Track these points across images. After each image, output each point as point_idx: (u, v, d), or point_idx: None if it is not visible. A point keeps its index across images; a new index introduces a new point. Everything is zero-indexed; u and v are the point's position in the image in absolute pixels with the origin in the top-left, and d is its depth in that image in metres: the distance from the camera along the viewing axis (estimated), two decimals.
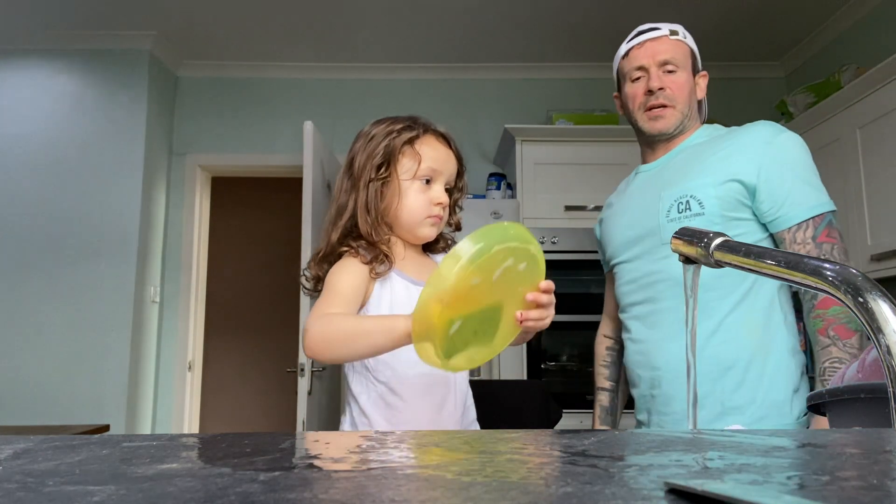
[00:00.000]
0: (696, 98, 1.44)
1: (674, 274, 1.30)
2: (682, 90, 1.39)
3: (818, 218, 1.29)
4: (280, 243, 5.33)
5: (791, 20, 3.41)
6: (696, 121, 1.43)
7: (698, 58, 1.45)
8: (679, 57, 1.40)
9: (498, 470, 0.35)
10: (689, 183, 1.31)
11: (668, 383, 1.30)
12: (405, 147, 1.10)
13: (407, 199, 1.10)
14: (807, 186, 1.30)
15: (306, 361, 2.69)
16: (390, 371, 1.08)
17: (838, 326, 1.20)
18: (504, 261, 0.85)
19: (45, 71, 3.52)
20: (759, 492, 0.28)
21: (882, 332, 0.49)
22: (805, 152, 1.33)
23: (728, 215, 1.28)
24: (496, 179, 3.49)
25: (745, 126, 1.36)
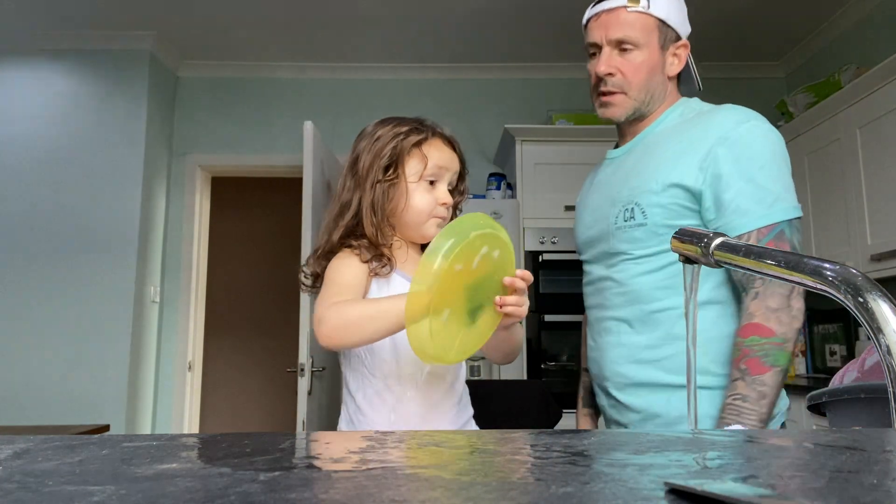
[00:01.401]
0: (667, 75, 1.25)
1: (623, 283, 1.21)
2: (636, 73, 1.22)
3: (764, 229, 1.11)
4: (280, 243, 5.33)
5: (791, 20, 3.41)
6: (662, 101, 1.26)
7: (673, 26, 1.24)
8: (637, 33, 1.21)
9: (498, 470, 0.35)
10: (637, 184, 1.20)
11: (618, 392, 1.22)
12: (413, 149, 1.11)
13: (413, 200, 1.10)
14: (758, 191, 1.12)
15: (306, 361, 2.69)
16: (387, 368, 1.09)
17: (752, 360, 1.06)
18: (480, 248, 0.89)
19: (45, 71, 3.52)
20: (759, 492, 0.28)
21: (882, 332, 0.49)
22: (767, 147, 1.16)
23: (671, 224, 1.15)
24: (496, 179, 3.49)
25: (712, 111, 1.22)
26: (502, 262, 0.94)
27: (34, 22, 3.39)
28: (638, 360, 1.18)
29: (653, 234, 1.18)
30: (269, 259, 5.39)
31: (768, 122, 1.21)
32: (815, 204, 3.12)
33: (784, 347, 1.06)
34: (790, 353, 1.07)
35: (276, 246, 5.37)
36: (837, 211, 2.94)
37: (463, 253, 0.86)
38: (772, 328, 1.06)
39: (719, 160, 1.13)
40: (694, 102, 1.28)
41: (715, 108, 1.22)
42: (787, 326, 1.06)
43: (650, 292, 1.18)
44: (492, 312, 0.95)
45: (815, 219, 3.12)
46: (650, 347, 1.17)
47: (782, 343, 1.06)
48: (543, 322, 3.16)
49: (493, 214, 3.18)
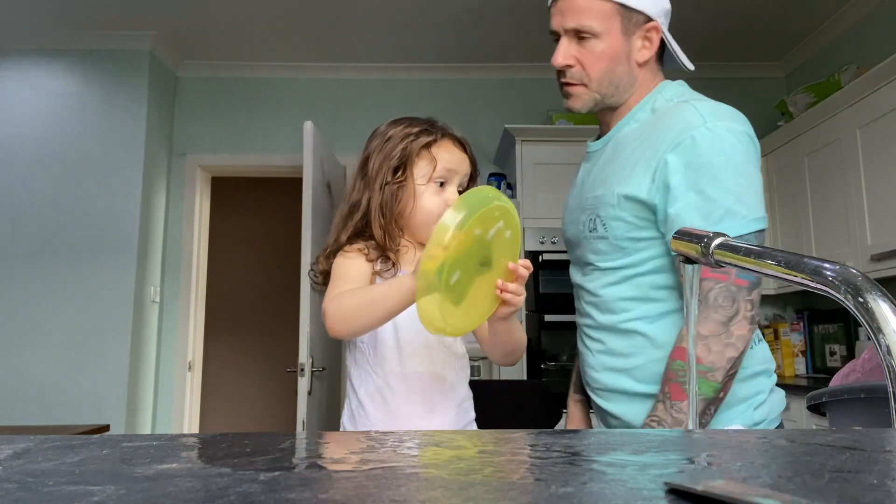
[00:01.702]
0: (635, 62, 1.15)
1: (593, 292, 1.18)
2: (596, 64, 1.13)
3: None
4: (280, 243, 5.33)
5: (791, 20, 3.41)
6: (632, 90, 1.17)
7: (638, 9, 1.12)
8: (594, 21, 1.11)
9: (498, 470, 0.35)
10: (600, 194, 1.15)
11: (597, 398, 1.19)
12: (422, 151, 1.11)
13: (422, 201, 1.10)
14: (706, 204, 1.02)
15: (306, 361, 2.69)
16: (388, 365, 1.10)
17: (674, 385, 1.01)
18: (498, 220, 0.89)
19: (45, 71, 3.52)
20: (759, 492, 0.28)
21: (882, 332, 0.49)
22: (722, 153, 1.04)
23: (634, 237, 1.10)
24: (496, 179, 3.49)
25: (672, 110, 1.12)
26: (511, 245, 0.94)
27: (34, 22, 3.39)
28: (612, 367, 1.15)
29: (615, 248, 1.13)
30: (269, 259, 5.39)
31: (735, 119, 1.09)
32: (815, 204, 3.12)
33: (709, 377, 0.99)
34: (718, 382, 0.99)
35: (276, 246, 5.37)
36: (837, 211, 2.94)
37: (483, 218, 0.86)
38: (700, 356, 1.00)
39: (669, 169, 1.05)
40: (671, 90, 1.18)
41: (676, 107, 1.12)
42: (716, 355, 0.99)
43: (618, 303, 1.14)
44: (493, 293, 0.95)
45: (815, 219, 3.12)
46: (622, 356, 1.14)
47: (707, 372, 0.99)
48: (543, 322, 3.16)
49: None
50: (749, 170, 1.05)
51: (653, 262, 1.11)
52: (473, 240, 0.86)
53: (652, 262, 1.11)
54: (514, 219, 0.92)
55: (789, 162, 3.32)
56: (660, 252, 1.10)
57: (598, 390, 1.19)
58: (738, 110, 1.12)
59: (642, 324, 1.12)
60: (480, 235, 0.87)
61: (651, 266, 1.11)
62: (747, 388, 1.08)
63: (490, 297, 0.95)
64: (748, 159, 1.05)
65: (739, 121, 1.08)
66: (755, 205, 1.03)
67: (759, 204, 1.04)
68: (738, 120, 1.08)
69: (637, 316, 1.12)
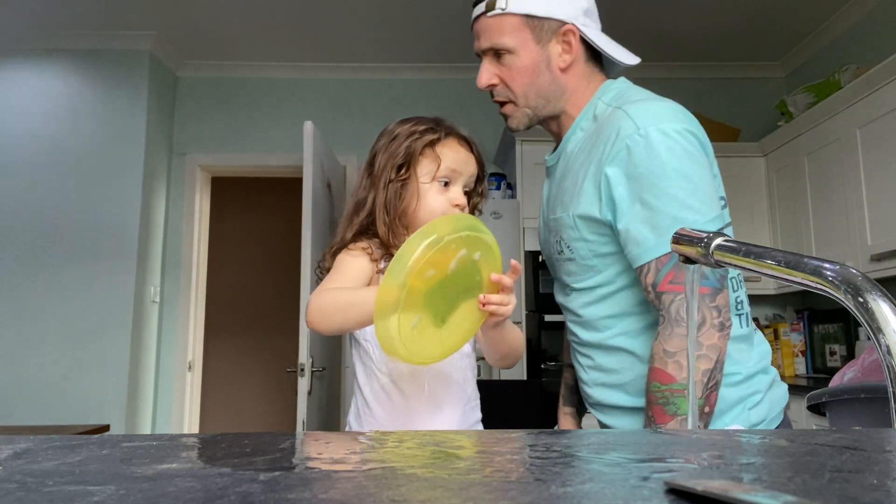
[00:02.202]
0: (558, 69, 1.12)
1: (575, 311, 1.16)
2: (516, 80, 1.12)
3: (664, 258, 0.98)
4: (280, 243, 5.33)
5: (791, 20, 3.41)
6: (564, 98, 1.14)
7: (546, 16, 1.09)
8: (504, 38, 1.10)
9: (498, 470, 0.35)
10: (559, 216, 1.14)
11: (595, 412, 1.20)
12: (426, 149, 1.10)
13: (425, 200, 1.10)
14: (652, 215, 0.98)
15: (306, 361, 2.69)
16: (392, 364, 1.09)
17: (655, 407, 0.97)
18: (458, 251, 0.86)
19: (45, 71, 3.52)
20: (760, 492, 0.28)
21: (882, 332, 0.49)
22: (659, 158, 0.98)
23: (598, 253, 1.08)
24: (496, 179, 3.49)
25: (608, 118, 1.08)
26: (485, 263, 0.91)
27: (34, 22, 3.39)
28: (603, 383, 1.14)
29: (585, 268, 1.11)
30: (269, 259, 5.39)
31: (669, 118, 1.02)
32: (815, 204, 3.12)
33: (683, 395, 0.95)
34: (699, 398, 0.95)
35: (276, 246, 5.37)
36: (837, 211, 2.94)
37: (436, 258, 0.84)
38: (671, 374, 0.96)
39: (611, 183, 1.02)
40: (611, 92, 1.13)
41: (611, 115, 1.07)
42: (681, 372, 0.95)
43: (600, 321, 1.12)
44: (474, 312, 0.93)
45: (815, 219, 3.12)
46: (612, 372, 1.12)
47: (684, 389, 0.95)
48: (543, 322, 3.16)
49: (493, 214, 3.18)
50: (691, 170, 0.99)
51: (625, 277, 1.08)
52: (426, 281, 0.84)
53: (624, 277, 1.08)
54: (481, 240, 0.89)
55: (789, 162, 3.32)
56: (623, 268, 1.07)
57: (593, 405, 1.18)
58: (675, 105, 1.06)
59: (626, 339, 1.09)
60: (436, 274, 0.85)
61: (625, 281, 1.08)
62: (742, 391, 1.05)
63: (473, 315, 0.93)
64: (689, 159, 1.00)
65: (674, 118, 1.02)
66: (704, 206, 0.98)
67: (709, 204, 0.99)
68: (672, 118, 1.02)
69: (620, 332, 1.10)
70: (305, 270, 2.70)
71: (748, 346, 1.09)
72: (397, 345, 0.85)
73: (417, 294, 0.84)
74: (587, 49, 1.13)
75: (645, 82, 1.17)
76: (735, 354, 1.05)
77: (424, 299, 0.85)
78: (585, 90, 1.14)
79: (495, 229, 3.46)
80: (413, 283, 0.82)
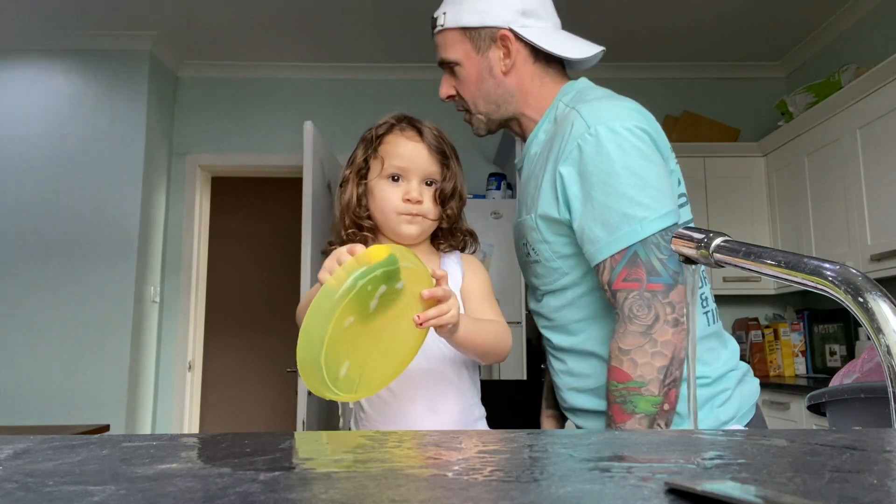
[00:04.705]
0: (501, 73, 1.14)
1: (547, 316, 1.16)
2: (466, 89, 1.17)
3: (617, 255, 0.99)
4: (280, 243, 5.33)
5: (791, 20, 3.41)
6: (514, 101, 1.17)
7: (480, 25, 1.12)
8: (449, 52, 1.15)
9: (498, 470, 0.35)
10: (523, 220, 1.16)
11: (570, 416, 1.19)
12: (377, 146, 1.12)
13: (377, 199, 1.11)
14: (603, 212, 1.00)
15: None
16: None
17: (614, 406, 0.97)
18: (375, 291, 0.82)
19: (45, 71, 3.52)
20: (759, 492, 0.28)
21: (882, 332, 0.49)
22: (608, 156, 1.00)
23: (561, 255, 1.09)
24: (496, 179, 3.49)
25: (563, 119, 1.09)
26: (413, 285, 0.87)
27: (34, 22, 3.39)
28: (575, 388, 1.13)
29: (550, 270, 1.11)
30: (269, 259, 5.39)
31: (619, 116, 1.03)
32: (815, 204, 3.12)
33: (644, 392, 0.95)
34: (655, 395, 0.94)
35: (276, 246, 5.37)
36: (837, 211, 2.94)
37: (352, 305, 0.79)
38: (626, 372, 0.96)
39: (565, 183, 1.03)
40: (570, 94, 1.14)
41: (566, 116, 1.09)
42: (644, 367, 0.95)
43: (572, 325, 1.12)
44: (413, 334, 0.90)
45: (815, 219, 3.12)
46: (583, 377, 1.11)
47: (640, 387, 0.95)
48: None
49: (493, 214, 3.18)
50: (641, 167, 0.99)
51: (591, 279, 1.08)
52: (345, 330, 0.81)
53: (590, 279, 1.08)
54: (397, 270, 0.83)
55: (789, 162, 3.32)
56: (589, 268, 1.07)
57: (567, 409, 1.18)
58: (629, 103, 1.07)
59: (596, 344, 1.09)
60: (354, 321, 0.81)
61: (592, 283, 1.08)
62: (710, 390, 1.05)
63: (412, 337, 0.90)
64: (639, 156, 1.00)
65: (626, 117, 1.03)
66: (655, 203, 0.98)
67: (660, 200, 0.99)
68: (624, 116, 1.03)
69: (591, 336, 1.10)
70: (305, 270, 2.69)
71: (719, 344, 1.10)
72: (337, 394, 0.84)
73: (340, 345, 0.81)
74: (533, 49, 1.14)
75: (645, 82, 1.18)
76: (704, 355, 1.05)
77: (350, 344, 0.82)
78: (540, 90, 1.16)
79: (495, 229, 3.43)
80: (332, 338, 0.79)
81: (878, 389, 1.10)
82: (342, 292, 0.78)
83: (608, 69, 3.87)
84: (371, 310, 0.83)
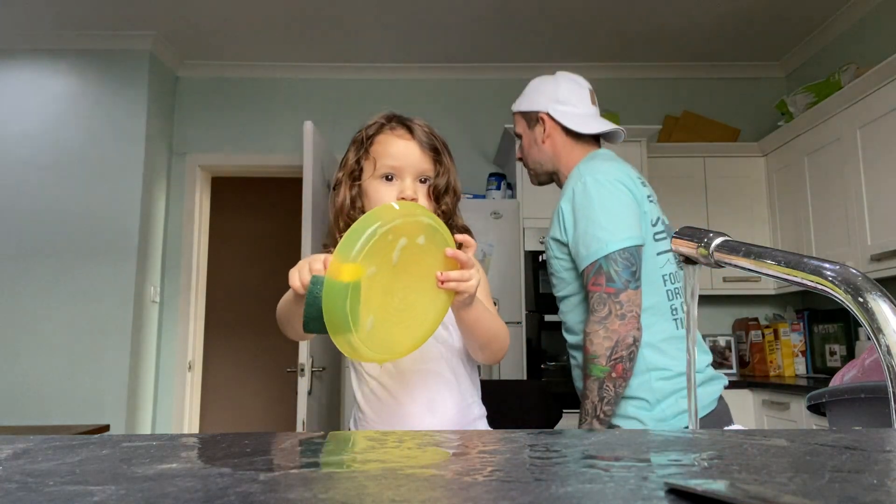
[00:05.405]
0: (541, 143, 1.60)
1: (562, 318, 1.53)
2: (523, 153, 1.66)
3: (590, 267, 1.37)
4: (280, 243, 5.33)
5: (791, 20, 3.41)
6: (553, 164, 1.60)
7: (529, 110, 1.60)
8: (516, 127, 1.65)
9: (498, 470, 0.35)
10: (546, 241, 1.53)
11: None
12: (368, 147, 1.11)
13: (371, 199, 1.10)
14: (583, 237, 1.39)
15: (306, 361, 2.69)
16: (380, 366, 1.08)
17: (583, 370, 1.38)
18: (396, 241, 0.81)
19: (45, 71, 3.52)
20: (759, 492, 0.28)
21: (882, 332, 0.49)
22: (585, 199, 1.40)
23: (565, 266, 1.45)
24: (496, 179, 3.49)
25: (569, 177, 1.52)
26: (433, 244, 0.86)
27: (34, 22, 3.39)
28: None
29: (560, 280, 1.48)
30: (269, 259, 5.39)
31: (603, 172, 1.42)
32: (815, 204, 3.12)
33: (596, 362, 1.33)
34: (603, 365, 1.32)
35: (276, 246, 5.37)
36: (837, 211, 2.94)
37: (373, 253, 0.78)
38: (588, 347, 1.35)
39: (564, 215, 1.44)
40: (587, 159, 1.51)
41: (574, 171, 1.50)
42: (597, 346, 1.33)
43: (575, 326, 1.47)
44: (436, 296, 0.89)
45: (815, 219, 3.12)
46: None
47: (594, 359, 1.33)
48: (543, 322, 3.16)
49: (493, 214, 3.18)
50: (611, 204, 1.38)
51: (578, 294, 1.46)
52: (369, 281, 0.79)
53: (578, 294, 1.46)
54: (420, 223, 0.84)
55: (789, 162, 3.32)
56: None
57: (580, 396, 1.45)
58: (617, 165, 1.47)
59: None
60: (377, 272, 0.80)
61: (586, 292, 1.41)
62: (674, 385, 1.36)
63: (437, 299, 0.89)
64: (611, 197, 1.39)
65: (607, 171, 1.43)
66: (617, 229, 1.36)
67: (622, 228, 1.36)
68: (606, 171, 1.43)
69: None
70: None
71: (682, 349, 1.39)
72: (360, 350, 0.82)
73: (366, 295, 0.79)
74: (564, 127, 1.55)
75: (645, 82, 1.19)
76: (670, 351, 1.38)
77: (374, 298, 0.81)
78: (570, 155, 1.56)
79: (496, 229, 3.43)
80: (355, 286, 0.78)
81: (878, 389, 1.10)
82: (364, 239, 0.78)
83: (608, 69, 3.87)
84: (394, 262, 0.82)
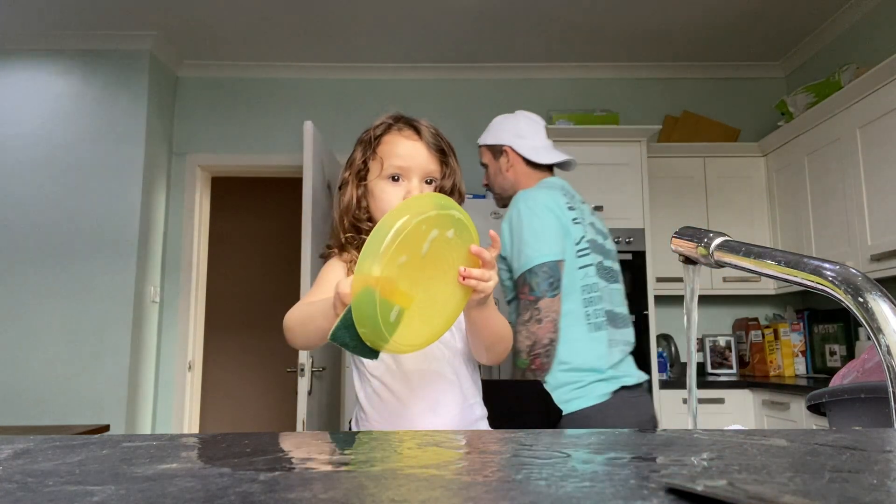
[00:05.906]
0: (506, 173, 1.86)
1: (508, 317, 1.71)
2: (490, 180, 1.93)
3: (519, 278, 1.61)
4: (280, 243, 5.33)
5: (791, 20, 3.41)
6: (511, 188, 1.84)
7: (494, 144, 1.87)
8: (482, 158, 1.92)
9: (498, 470, 0.35)
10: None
11: None
12: (375, 147, 1.11)
13: (377, 199, 1.10)
14: (514, 250, 1.62)
15: (306, 361, 2.69)
16: (383, 366, 1.08)
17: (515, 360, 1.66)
18: (428, 232, 0.82)
19: (45, 71, 3.52)
20: (759, 492, 0.28)
21: (882, 332, 0.49)
22: (517, 219, 1.63)
23: (505, 278, 1.66)
24: None
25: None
26: (461, 240, 0.87)
27: (34, 22, 3.39)
28: None
29: (506, 288, 1.71)
30: (269, 259, 5.39)
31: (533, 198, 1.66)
32: (815, 204, 3.12)
33: (520, 356, 1.58)
34: (525, 358, 1.58)
35: (276, 246, 5.37)
36: (837, 211, 2.94)
37: (407, 242, 0.79)
38: (515, 345, 1.56)
39: (504, 233, 1.67)
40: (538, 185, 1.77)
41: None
42: (520, 343, 1.58)
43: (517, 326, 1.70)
44: (457, 291, 0.89)
45: (815, 219, 3.12)
46: None
47: (518, 353, 1.58)
48: None
49: (492, 214, 3.18)
50: (537, 225, 1.61)
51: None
52: (400, 268, 0.80)
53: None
54: (452, 217, 0.85)
55: (789, 162, 3.32)
56: None
57: None
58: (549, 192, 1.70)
59: None
60: (409, 260, 0.81)
61: None
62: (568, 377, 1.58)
63: (456, 295, 0.89)
64: (538, 218, 1.62)
65: (536, 198, 1.66)
66: (541, 245, 1.59)
67: (545, 244, 1.59)
68: (537, 197, 1.67)
69: None
70: (305, 270, 2.70)
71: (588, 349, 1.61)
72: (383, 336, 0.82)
73: (393, 284, 0.80)
74: (524, 158, 1.82)
75: (645, 82, 1.19)
76: (578, 350, 1.60)
77: (401, 287, 0.82)
78: (527, 182, 1.81)
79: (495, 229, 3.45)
80: (386, 274, 0.79)
81: (878, 389, 1.10)
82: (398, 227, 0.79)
83: (608, 69, 3.87)
84: (423, 253, 0.83)
